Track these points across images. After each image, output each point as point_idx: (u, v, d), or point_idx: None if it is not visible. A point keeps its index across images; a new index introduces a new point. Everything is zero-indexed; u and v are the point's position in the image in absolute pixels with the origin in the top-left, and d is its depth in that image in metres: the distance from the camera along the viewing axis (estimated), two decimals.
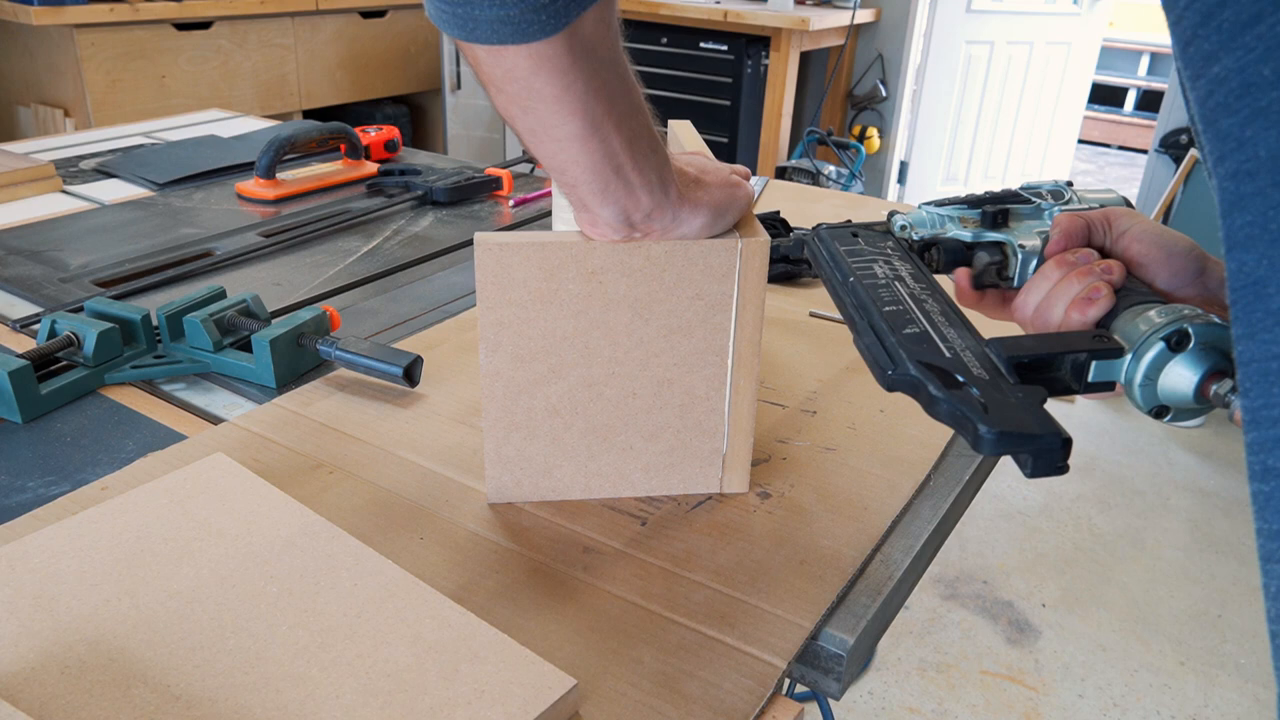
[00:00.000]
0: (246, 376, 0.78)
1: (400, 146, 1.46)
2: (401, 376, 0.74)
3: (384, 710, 0.45)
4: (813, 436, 0.72)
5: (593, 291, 0.57)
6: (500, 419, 0.60)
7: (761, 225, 0.60)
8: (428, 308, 0.94)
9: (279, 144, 1.25)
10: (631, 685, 0.49)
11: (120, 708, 0.44)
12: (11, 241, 1.07)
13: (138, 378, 0.77)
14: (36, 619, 0.49)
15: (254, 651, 0.48)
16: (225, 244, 1.09)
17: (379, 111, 3.37)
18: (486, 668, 0.47)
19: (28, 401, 0.71)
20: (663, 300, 0.58)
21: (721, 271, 0.58)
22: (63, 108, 2.56)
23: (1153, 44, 5.71)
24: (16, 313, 0.90)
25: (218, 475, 0.61)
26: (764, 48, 2.97)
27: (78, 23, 2.41)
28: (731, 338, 0.60)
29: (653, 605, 0.54)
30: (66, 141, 1.51)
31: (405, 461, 0.67)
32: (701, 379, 0.61)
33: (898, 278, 0.53)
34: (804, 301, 0.97)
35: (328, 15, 3.04)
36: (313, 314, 0.80)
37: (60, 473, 0.66)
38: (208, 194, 1.27)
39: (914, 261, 0.55)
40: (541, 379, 0.59)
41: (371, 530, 0.59)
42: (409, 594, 0.52)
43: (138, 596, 0.51)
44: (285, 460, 0.67)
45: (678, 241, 0.56)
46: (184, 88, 2.70)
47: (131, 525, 0.56)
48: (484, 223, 1.21)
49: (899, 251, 0.56)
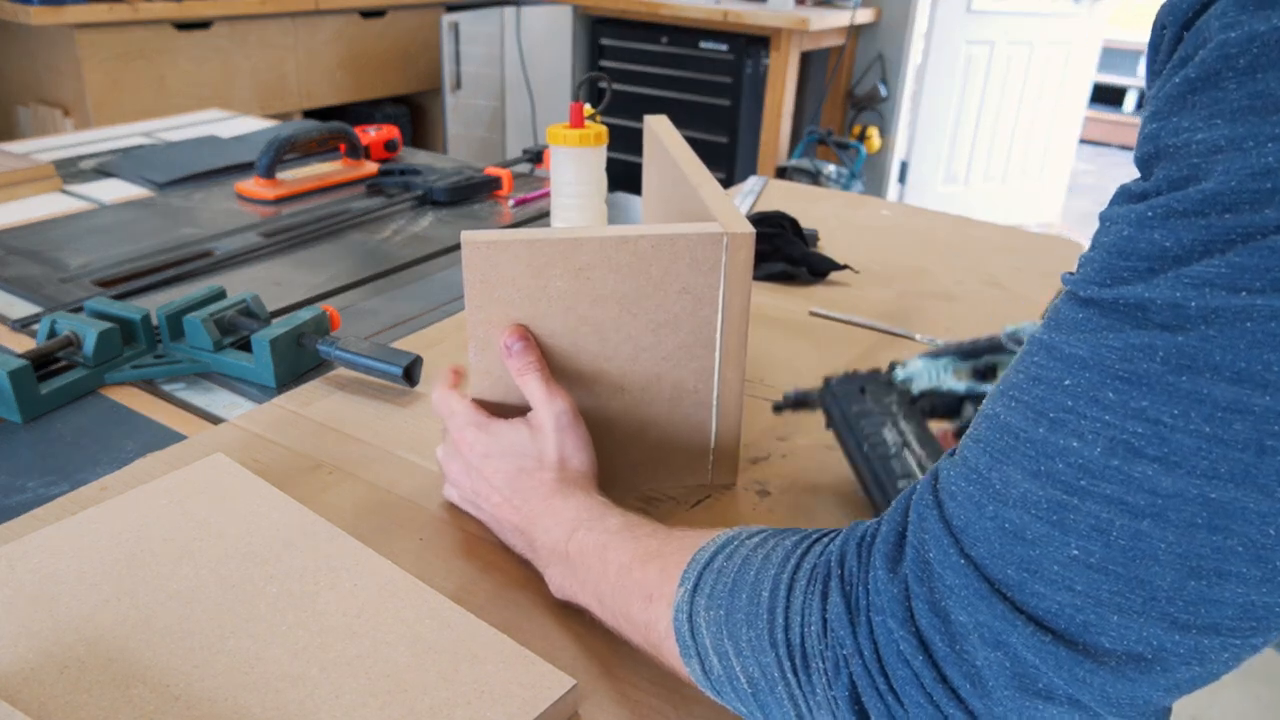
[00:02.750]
0: (246, 376, 0.78)
1: (400, 146, 1.46)
2: (401, 376, 0.74)
3: (384, 710, 0.44)
4: (812, 435, 0.72)
5: (580, 288, 0.57)
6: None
7: (746, 219, 0.60)
8: (428, 307, 0.94)
9: (279, 144, 1.25)
10: (631, 685, 0.49)
11: (120, 708, 0.44)
12: (11, 241, 1.07)
13: (137, 378, 0.77)
14: (36, 619, 0.49)
15: (253, 651, 0.48)
16: (225, 244, 1.09)
17: (379, 111, 3.37)
18: (486, 668, 0.47)
19: (27, 401, 0.71)
20: (650, 295, 0.58)
21: (707, 265, 0.58)
22: (62, 108, 2.56)
23: None
24: (16, 313, 0.90)
25: (217, 475, 0.61)
26: (764, 48, 2.97)
27: (77, 22, 2.41)
28: (719, 331, 0.60)
29: None
30: (66, 141, 1.51)
31: (405, 461, 0.67)
32: (690, 372, 0.61)
33: (905, 444, 0.59)
34: (804, 301, 0.97)
35: (328, 15, 3.04)
36: (313, 314, 0.80)
37: (60, 473, 0.66)
38: (208, 194, 1.27)
39: (917, 420, 0.61)
40: None
41: (371, 530, 0.59)
42: (409, 594, 0.52)
43: (137, 596, 0.51)
44: (285, 460, 0.67)
45: (664, 236, 0.56)
46: (184, 88, 2.70)
47: (131, 525, 0.56)
48: (484, 222, 1.21)
49: (903, 409, 0.62)
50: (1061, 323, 0.33)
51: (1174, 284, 0.29)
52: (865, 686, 0.35)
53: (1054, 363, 0.32)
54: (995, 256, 1.12)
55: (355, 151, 1.36)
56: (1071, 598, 0.31)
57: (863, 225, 1.22)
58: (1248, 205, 0.28)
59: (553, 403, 0.57)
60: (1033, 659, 0.32)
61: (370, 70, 3.25)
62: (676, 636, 0.43)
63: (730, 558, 0.43)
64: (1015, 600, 0.32)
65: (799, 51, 2.99)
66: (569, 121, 0.92)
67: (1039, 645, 0.32)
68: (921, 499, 0.37)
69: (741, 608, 0.40)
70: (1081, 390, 0.31)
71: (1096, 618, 0.31)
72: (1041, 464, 0.32)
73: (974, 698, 0.33)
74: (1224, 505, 0.29)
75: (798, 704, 0.38)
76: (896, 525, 0.37)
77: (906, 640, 0.34)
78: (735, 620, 0.40)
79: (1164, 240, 0.29)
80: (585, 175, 0.93)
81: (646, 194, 0.91)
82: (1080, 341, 0.31)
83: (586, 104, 0.93)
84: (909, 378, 0.64)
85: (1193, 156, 0.29)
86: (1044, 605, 0.32)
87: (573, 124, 0.92)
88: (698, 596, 0.43)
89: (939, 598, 0.34)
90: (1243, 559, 0.29)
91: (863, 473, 0.60)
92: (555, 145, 0.93)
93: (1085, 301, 0.32)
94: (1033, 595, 0.32)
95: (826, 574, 0.38)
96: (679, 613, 0.43)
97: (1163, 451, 0.29)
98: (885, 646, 0.35)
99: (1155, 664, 0.31)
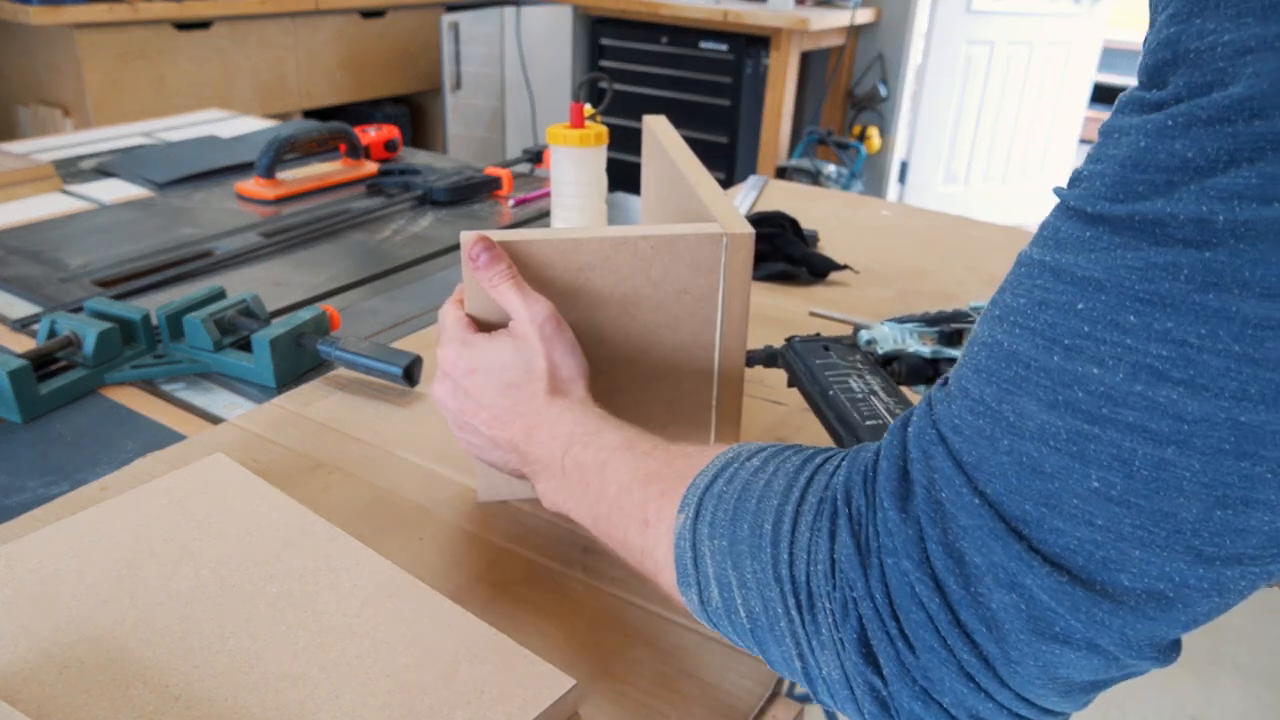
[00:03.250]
0: (246, 376, 0.78)
1: (400, 146, 1.46)
2: (401, 376, 0.74)
3: (384, 710, 0.44)
4: (812, 435, 0.72)
5: (580, 289, 0.57)
6: None
7: (745, 219, 0.60)
8: (428, 307, 0.94)
9: (279, 144, 1.25)
10: (631, 685, 0.49)
11: (119, 708, 0.44)
12: (11, 241, 1.07)
13: (137, 378, 0.77)
14: (35, 619, 0.49)
15: (253, 652, 0.48)
16: (225, 244, 1.09)
17: (379, 111, 3.37)
18: (486, 668, 0.47)
19: (27, 401, 0.71)
20: (649, 295, 0.58)
21: (707, 266, 0.58)
22: (62, 108, 2.55)
23: None
24: (16, 313, 0.90)
25: (217, 475, 0.61)
26: (764, 48, 2.97)
27: (77, 22, 2.41)
28: (718, 331, 0.60)
29: (652, 605, 0.54)
30: (66, 141, 1.51)
31: (405, 461, 0.67)
32: (688, 373, 0.61)
33: (873, 392, 0.58)
34: (804, 301, 0.97)
35: (327, 15, 3.04)
36: (313, 314, 0.80)
37: (60, 473, 0.66)
38: (208, 194, 1.27)
39: (883, 376, 0.60)
40: None
41: (371, 530, 0.59)
42: (408, 594, 0.52)
43: (137, 596, 0.51)
44: (285, 460, 0.67)
45: (664, 236, 0.56)
46: (184, 88, 2.70)
47: (131, 525, 0.56)
48: (484, 222, 1.21)
49: (868, 365, 0.61)
50: (1065, 241, 0.31)
51: (1198, 197, 0.27)
52: (875, 630, 0.34)
53: (1063, 285, 0.30)
54: (995, 256, 1.12)
55: (355, 151, 1.36)
56: (1091, 533, 0.30)
57: (863, 225, 1.22)
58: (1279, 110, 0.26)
59: (532, 309, 0.54)
60: (1049, 601, 0.31)
61: (370, 70, 3.25)
62: (676, 564, 0.42)
63: (730, 482, 0.41)
64: (1032, 539, 0.31)
65: (799, 51, 2.99)
66: (569, 121, 0.92)
67: (1055, 587, 0.30)
68: (922, 434, 0.35)
69: (744, 539, 0.39)
70: (1098, 314, 0.29)
71: (1117, 554, 0.30)
72: (1059, 393, 0.30)
73: (989, 642, 0.32)
74: (1253, 429, 0.27)
75: (799, 642, 0.37)
76: (896, 460, 0.35)
77: (922, 582, 0.33)
78: (739, 551, 0.39)
79: (1186, 151, 0.28)
80: (585, 175, 0.94)
81: (646, 194, 0.91)
82: (1092, 262, 0.29)
83: (586, 104, 0.93)
84: (873, 339, 0.64)
85: (1218, 60, 0.27)
86: (1062, 542, 0.30)
87: (573, 124, 0.92)
88: (700, 525, 0.41)
89: (953, 539, 0.32)
90: (1271, 485, 0.28)
91: (830, 419, 0.59)
92: (555, 145, 0.93)
93: (1094, 218, 0.30)
94: (1051, 532, 0.31)
95: (834, 510, 0.36)
96: (680, 539, 0.42)
97: (1189, 374, 0.28)
98: (898, 589, 0.33)
99: (1176, 601, 0.30)
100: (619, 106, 3.03)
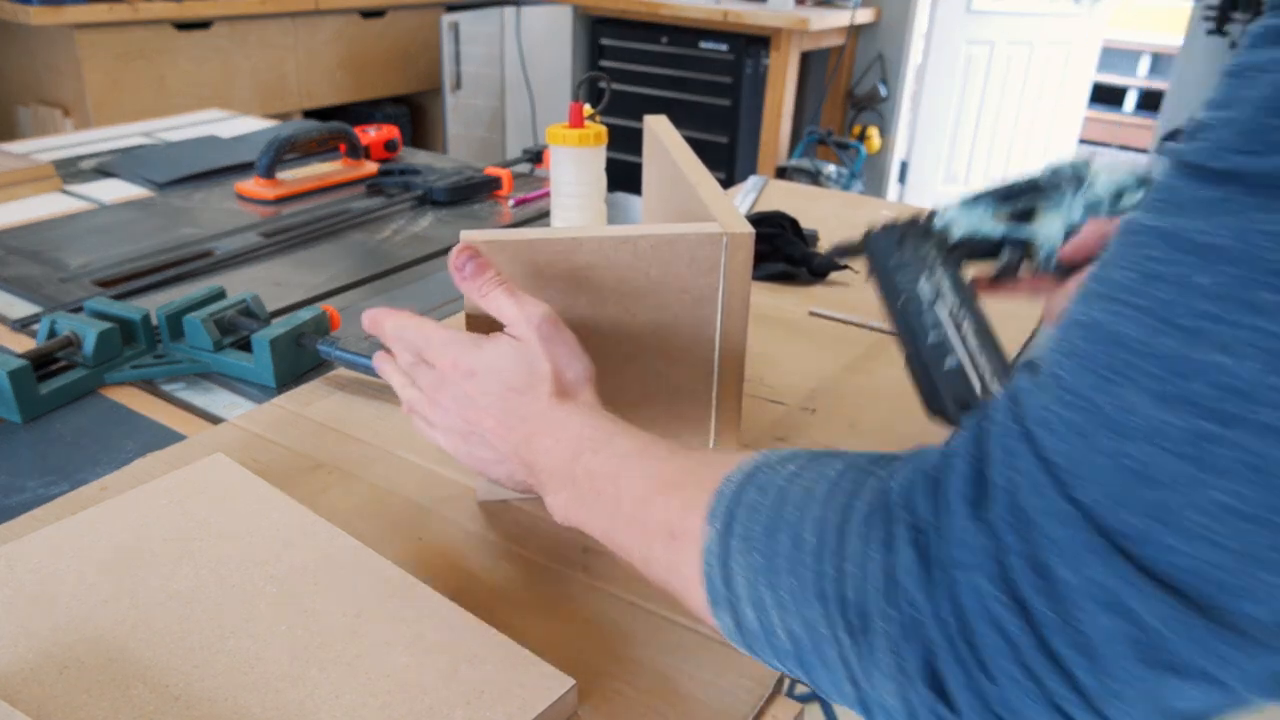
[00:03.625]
0: (246, 376, 0.78)
1: (400, 146, 1.46)
2: None
3: (384, 710, 0.44)
4: (812, 435, 0.72)
5: (579, 288, 0.57)
6: None
7: (745, 219, 0.60)
8: (427, 307, 0.94)
9: (279, 144, 1.25)
10: (630, 685, 0.49)
11: (119, 708, 0.44)
12: (11, 241, 1.07)
13: (137, 378, 0.77)
14: (35, 619, 0.49)
15: (253, 652, 0.48)
16: (225, 244, 1.09)
17: (379, 111, 3.37)
18: (486, 668, 0.47)
19: (27, 401, 0.71)
20: (649, 295, 0.58)
21: (707, 265, 0.58)
22: (62, 108, 2.55)
23: (1153, 44, 5.71)
24: (16, 313, 0.90)
25: (217, 475, 0.61)
26: (764, 48, 2.97)
27: (77, 22, 2.41)
28: (718, 331, 0.60)
29: (652, 605, 0.54)
30: (66, 141, 1.51)
31: (405, 461, 0.67)
32: (688, 373, 0.61)
33: (939, 295, 0.60)
34: (804, 300, 0.97)
35: (327, 15, 3.04)
36: (313, 314, 0.80)
37: (60, 473, 0.66)
38: (208, 194, 1.27)
39: (954, 268, 0.62)
40: None
41: (371, 530, 0.59)
42: (408, 594, 0.52)
43: (137, 596, 0.51)
44: (285, 460, 0.67)
45: (663, 236, 0.56)
46: (184, 88, 2.70)
47: (131, 525, 0.56)
48: (484, 222, 1.21)
49: (940, 255, 0.63)
50: (1184, 204, 0.26)
51: None
52: (944, 655, 0.29)
53: (1179, 254, 0.25)
54: None
55: (355, 151, 1.36)
56: (1212, 553, 0.25)
57: (863, 225, 1.21)
58: None
59: (527, 311, 0.51)
60: (1158, 626, 0.26)
61: (370, 70, 3.25)
62: (706, 584, 0.38)
63: (764, 491, 0.37)
64: (1137, 556, 0.26)
65: (799, 51, 2.99)
66: (569, 121, 0.92)
67: (1168, 613, 0.26)
68: (1004, 430, 0.30)
69: (783, 553, 0.34)
70: (1225, 289, 0.24)
71: (1245, 579, 0.25)
72: (1174, 384, 0.25)
73: (1084, 672, 0.27)
74: None
75: (851, 668, 0.32)
76: (971, 458, 0.30)
77: (1000, 601, 0.28)
78: (776, 568, 0.34)
79: None
80: (585, 175, 0.93)
81: (646, 194, 0.91)
82: (1218, 226, 0.25)
83: (586, 104, 0.93)
84: (946, 225, 0.64)
85: None
86: (1175, 562, 0.26)
87: (572, 124, 0.92)
88: (731, 539, 0.36)
89: (1039, 551, 0.28)
90: None
91: (898, 327, 0.61)
92: (555, 145, 0.93)
93: (1222, 175, 0.25)
94: (1160, 549, 0.26)
95: (888, 517, 0.32)
96: (709, 556, 0.37)
97: None
98: (972, 609, 0.29)
99: None
100: (619, 106, 3.03)
